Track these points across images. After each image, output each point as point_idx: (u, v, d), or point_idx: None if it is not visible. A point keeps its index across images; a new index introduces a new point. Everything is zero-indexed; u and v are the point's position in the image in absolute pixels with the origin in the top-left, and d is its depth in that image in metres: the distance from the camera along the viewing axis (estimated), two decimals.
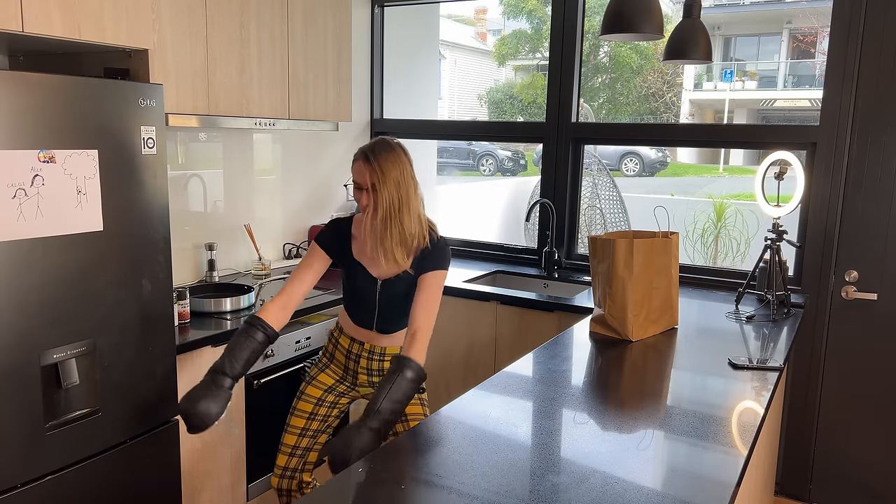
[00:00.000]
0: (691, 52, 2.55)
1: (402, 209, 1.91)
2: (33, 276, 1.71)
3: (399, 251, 1.93)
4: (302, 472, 2.18)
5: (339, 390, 2.17)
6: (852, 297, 2.81)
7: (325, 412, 2.16)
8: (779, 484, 3.05)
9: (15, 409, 1.70)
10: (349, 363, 2.12)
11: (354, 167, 1.94)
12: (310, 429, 2.15)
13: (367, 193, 1.92)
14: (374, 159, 1.90)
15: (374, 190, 1.89)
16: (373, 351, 2.09)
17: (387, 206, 1.90)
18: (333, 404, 2.17)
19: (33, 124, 1.67)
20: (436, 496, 1.26)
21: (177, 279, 2.80)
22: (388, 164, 1.90)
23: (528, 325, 2.89)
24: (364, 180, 1.91)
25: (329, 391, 2.15)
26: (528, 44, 14.42)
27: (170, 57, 2.31)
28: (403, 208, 1.91)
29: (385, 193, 1.89)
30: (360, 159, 1.93)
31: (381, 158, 1.90)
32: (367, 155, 1.91)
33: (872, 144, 2.71)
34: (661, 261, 2.27)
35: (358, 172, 1.93)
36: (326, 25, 3.03)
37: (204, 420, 1.79)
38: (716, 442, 1.50)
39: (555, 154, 3.41)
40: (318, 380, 2.16)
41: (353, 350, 2.10)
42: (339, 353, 2.14)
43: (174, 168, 2.80)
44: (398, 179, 1.91)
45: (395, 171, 1.91)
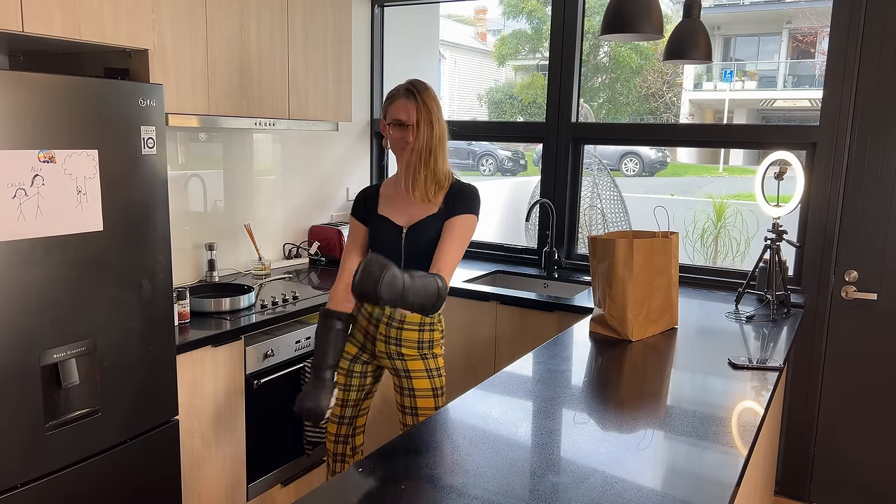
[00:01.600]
0: (691, 52, 2.55)
1: (439, 147, 1.98)
2: (33, 276, 1.71)
3: (432, 188, 1.99)
4: (354, 437, 2.26)
5: (362, 358, 2.20)
6: (852, 296, 2.81)
7: (358, 382, 2.21)
8: (779, 484, 3.05)
9: (15, 409, 1.70)
10: (369, 327, 2.14)
11: (396, 105, 1.99)
12: (349, 399, 2.21)
13: (410, 130, 1.97)
14: (418, 95, 1.96)
15: (418, 126, 1.95)
16: (392, 317, 2.09)
17: (427, 142, 1.96)
18: (363, 374, 2.21)
19: (33, 124, 1.67)
20: (436, 496, 1.26)
21: (177, 279, 2.80)
22: (430, 100, 1.98)
23: (528, 325, 2.89)
24: (409, 116, 1.96)
25: (355, 360, 2.19)
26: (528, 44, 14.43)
27: (170, 57, 2.32)
28: (441, 146, 1.99)
29: (428, 129, 1.96)
30: (402, 96, 1.98)
31: (425, 95, 1.97)
32: (412, 91, 1.97)
33: (872, 144, 2.71)
34: (661, 261, 2.27)
35: (402, 109, 1.98)
36: (326, 25, 3.03)
37: (317, 413, 1.97)
38: (716, 442, 1.50)
39: (555, 154, 3.41)
40: (346, 350, 2.21)
41: (374, 313, 2.12)
42: (362, 316, 2.16)
43: (174, 168, 2.80)
44: (438, 116, 1.98)
45: (435, 107, 1.98)
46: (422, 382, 2.12)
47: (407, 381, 2.12)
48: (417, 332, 2.10)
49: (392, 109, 2.01)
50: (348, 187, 3.79)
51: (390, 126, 2.03)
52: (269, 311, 2.54)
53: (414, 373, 2.11)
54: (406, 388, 2.13)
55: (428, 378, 2.12)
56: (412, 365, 2.11)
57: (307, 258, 3.43)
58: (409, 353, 2.11)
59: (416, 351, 2.11)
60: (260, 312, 2.52)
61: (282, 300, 2.66)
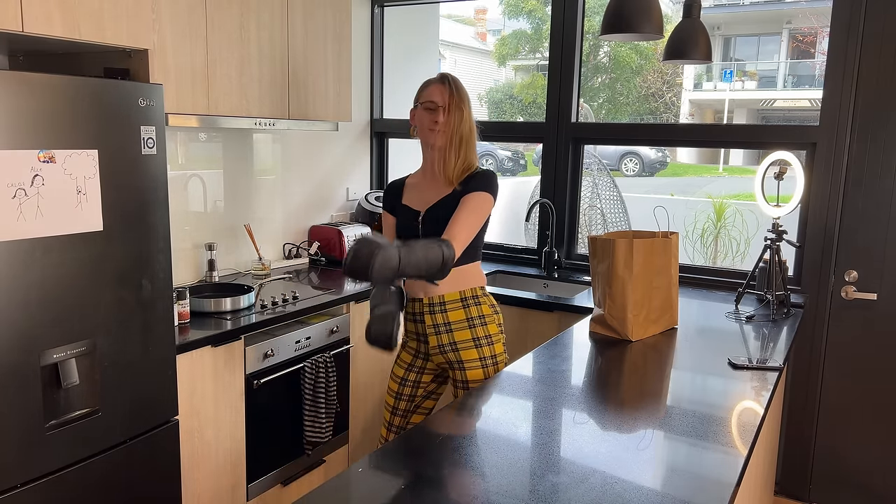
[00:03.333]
0: (691, 52, 2.55)
1: (470, 136, 2.07)
2: (33, 276, 1.71)
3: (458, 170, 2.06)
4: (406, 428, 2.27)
5: (417, 365, 2.21)
6: (852, 296, 2.81)
7: (409, 392, 2.22)
8: (779, 484, 3.05)
9: (15, 409, 1.70)
10: (417, 327, 2.16)
11: (430, 89, 2.08)
12: (398, 408, 2.24)
13: (441, 111, 2.04)
14: (452, 83, 2.06)
15: (448, 110, 2.04)
16: (433, 303, 2.10)
17: (457, 126, 2.04)
18: (416, 383, 2.22)
19: (33, 124, 1.67)
20: (436, 496, 1.26)
21: (177, 279, 2.80)
22: (462, 89, 2.08)
23: (528, 325, 2.89)
24: (442, 99, 2.04)
25: (409, 368, 2.22)
26: (528, 44, 14.43)
27: (170, 57, 2.31)
28: (471, 135, 2.07)
29: (458, 113, 2.04)
30: (437, 82, 2.08)
31: (458, 83, 2.07)
32: (446, 77, 2.07)
33: (872, 144, 2.71)
34: (661, 261, 2.27)
35: (436, 92, 2.06)
36: (326, 25, 3.03)
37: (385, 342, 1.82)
38: (716, 442, 1.50)
39: (555, 154, 3.41)
40: (401, 357, 2.25)
41: (416, 311, 2.14)
42: (408, 321, 2.19)
43: (174, 168, 2.80)
44: (469, 106, 2.07)
45: (466, 97, 2.08)
46: (475, 373, 2.10)
47: (461, 374, 2.11)
48: (462, 308, 2.10)
49: (425, 93, 2.09)
50: (348, 187, 3.79)
51: (421, 107, 2.09)
52: (269, 311, 2.54)
53: (467, 363, 2.10)
54: (460, 380, 2.12)
55: (482, 368, 2.10)
56: (465, 355, 2.10)
57: (307, 258, 3.43)
58: (462, 338, 2.10)
59: (469, 332, 2.09)
60: (260, 312, 2.52)
61: (282, 300, 2.66)
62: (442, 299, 2.10)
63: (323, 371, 2.64)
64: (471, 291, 2.12)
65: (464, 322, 2.10)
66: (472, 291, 2.12)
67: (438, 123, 2.05)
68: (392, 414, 2.25)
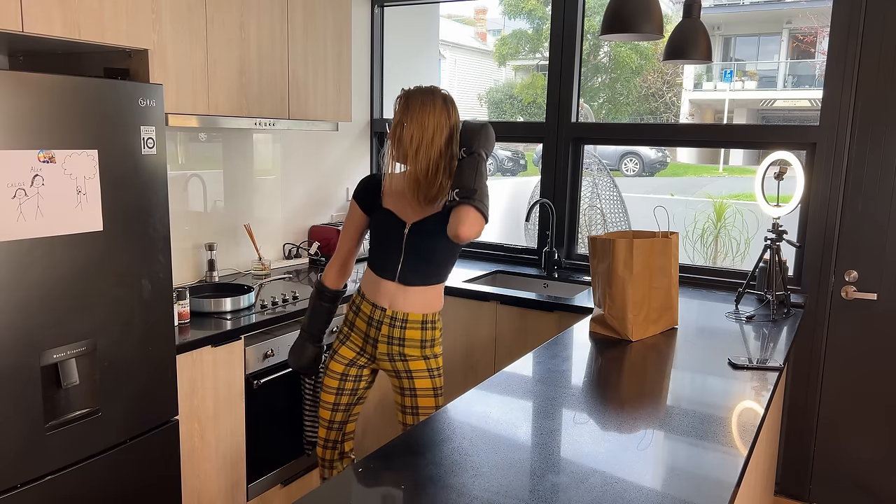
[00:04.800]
0: (691, 52, 2.55)
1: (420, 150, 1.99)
2: (33, 276, 1.71)
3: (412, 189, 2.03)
4: (343, 443, 2.29)
5: (359, 363, 2.21)
6: (852, 297, 2.81)
7: (351, 386, 2.22)
8: (779, 484, 3.05)
9: (15, 409, 1.70)
10: (370, 330, 2.14)
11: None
12: (340, 403, 2.23)
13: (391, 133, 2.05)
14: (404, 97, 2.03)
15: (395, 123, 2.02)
16: (395, 317, 2.10)
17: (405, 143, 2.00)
18: (358, 377, 2.22)
19: (33, 124, 1.67)
20: (436, 496, 1.26)
21: (177, 279, 2.80)
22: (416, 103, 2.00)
23: (528, 325, 2.89)
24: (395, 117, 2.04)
25: (351, 364, 2.20)
26: (528, 44, 14.42)
27: (170, 57, 2.31)
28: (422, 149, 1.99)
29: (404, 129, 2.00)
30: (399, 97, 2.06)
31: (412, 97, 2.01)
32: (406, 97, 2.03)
33: (872, 144, 2.71)
34: (661, 261, 2.27)
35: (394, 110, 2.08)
36: (326, 25, 3.03)
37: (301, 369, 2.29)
38: (716, 442, 1.50)
39: (555, 154, 3.41)
40: (340, 353, 2.22)
41: (374, 317, 2.13)
42: (360, 320, 2.16)
43: (174, 168, 2.80)
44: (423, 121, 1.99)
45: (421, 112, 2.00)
46: (423, 382, 2.13)
47: (408, 382, 2.13)
48: (420, 330, 2.11)
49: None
50: (348, 187, 3.79)
51: None
52: (269, 311, 2.54)
53: (416, 373, 2.13)
54: (407, 388, 2.14)
55: (429, 378, 2.14)
56: (414, 365, 2.12)
57: (307, 258, 3.43)
58: (412, 353, 2.12)
59: (419, 350, 2.12)
60: (260, 312, 2.52)
61: (282, 300, 2.66)
62: (405, 317, 2.10)
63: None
64: (432, 315, 2.14)
65: (417, 342, 2.12)
66: (433, 315, 2.14)
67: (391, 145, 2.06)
68: (333, 411, 2.23)
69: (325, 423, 2.25)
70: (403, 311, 2.10)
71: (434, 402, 2.14)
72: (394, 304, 2.10)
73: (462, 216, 1.91)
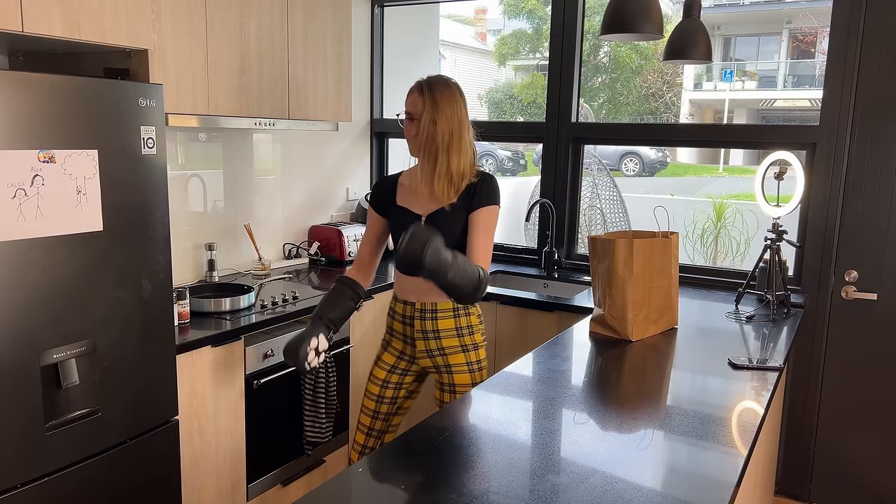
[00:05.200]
0: (691, 52, 2.55)
1: (452, 145, 2.00)
2: (33, 276, 1.71)
3: (442, 185, 2.02)
4: (386, 433, 2.27)
5: (401, 367, 2.21)
6: (852, 297, 2.81)
7: (391, 394, 2.21)
8: (779, 484, 3.05)
9: (15, 409, 1.70)
10: (406, 329, 2.15)
11: (409, 98, 2.05)
12: (380, 411, 2.22)
13: (416, 123, 2.02)
14: (428, 90, 2.00)
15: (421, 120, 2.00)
16: (424, 309, 2.10)
17: (430, 137, 2.00)
18: (399, 385, 2.21)
19: (33, 124, 1.67)
20: (436, 496, 1.26)
21: (177, 279, 2.80)
22: (440, 97, 2.00)
23: (528, 325, 2.89)
24: (416, 110, 2.02)
25: (392, 370, 2.21)
26: (528, 44, 14.43)
27: (170, 57, 2.31)
28: (454, 144, 2.01)
29: (432, 126, 2.00)
30: (415, 91, 2.03)
31: (437, 91, 2.01)
32: (422, 85, 2.02)
33: (872, 144, 2.71)
34: (661, 261, 2.27)
35: (412, 103, 2.04)
36: (326, 25, 3.03)
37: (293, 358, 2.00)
38: (716, 442, 1.50)
39: (555, 154, 3.41)
40: (382, 360, 2.23)
41: (406, 314, 2.14)
42: (396, 322, 2.18)
43: (174, 168, 2.80)
44: (448, 115, 2.00)
45: (446, 105, 2.01)
46: (462, 377, 2.12)
47: (448, 377, 2.13)
48: (453, 318, 2.10)
49: (406, 102, 2.08)
50: (348, 187, 3.79)
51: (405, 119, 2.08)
52: (269, 312, 2.54)
53: (455, 367, 2.11)
54: (447, 383, 2.13)
55: (469, 372, 2.12)
56: (453, 360, 2.11)
57: (307, 258, 3.43)
58: (450, 344, 2.11)
59: (457, 340, 2.11)
60: (260, 312, 2.52)
61: (282, 300, 2.66)
62: (434, 307, 2.10)
63: (323, 371, 2.64)
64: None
65: (452, 330, 2.11)
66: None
67: (414, 136, 2.04)
68: (373, 419, 2.22)
69: (365, 428, 2.25)
70: (432, 302, 2.10)
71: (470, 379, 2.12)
72: (422, 297, 2.11)
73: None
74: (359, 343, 2.94)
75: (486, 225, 2.02)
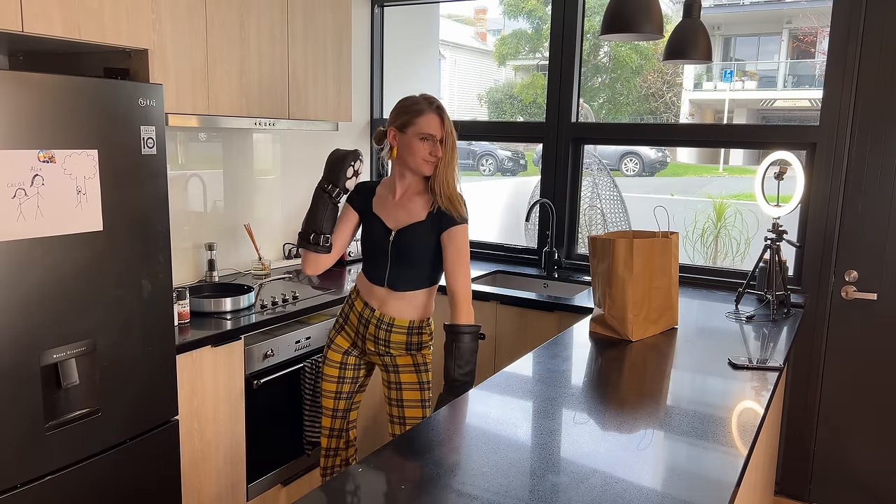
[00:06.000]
0: (691, 52, 2.55)
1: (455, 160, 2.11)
2: (33, 276, 1.71)
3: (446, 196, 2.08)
4: (347, 431, 2.33)
5: (354, 353, 2.27)
6: (852, 297, 2.81)
7: (351, 374, 2.27)
8: (779, 484, 3.05)
9: (15, 409, 1.70)
10: (360, 327, 2.20)
11: (427, 118, 2.07)
12: (342, 392, 2.27)
13: (439, 145, 2.07)
14: (442, 112, 2.08)
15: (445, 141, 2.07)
16: (381, 320, 2.15)
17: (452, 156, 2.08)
18: (357, 366, 2.28)
19: (33, 124, 1.67)
20: (436, 496, 1.26)
21: (177, 279, 2.80)
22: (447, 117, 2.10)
23: (528, 325, 2.89)
24: (439, 131, 2.06)
25: (348, 353, 2.26)
26: (528, 44, 14.42)
27: (170, 57, 2.31)
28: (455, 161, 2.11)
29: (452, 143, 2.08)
30: (432, 111, 2.08)
31: (445, 112, 2.11)
32: (438, 107, 2.09)
33: (872, 144, 2.71)
34: (661, 261, 2.27)
35: (434, 124, 2.06)
36: (326, 25, 3.03)
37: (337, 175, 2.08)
38: (716, 442, 1.50)
39: (555, 154, 3.41)
40: (336, 343, 2.27)
41: (364, 314, 2.18)
42: (353, 314, 2.23)
43: (174, 168, 2.80)
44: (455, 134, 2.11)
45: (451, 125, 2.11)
46: (409, 376, 2.17)
47: (395, 375, 2.18)
48: (406, 335, 2.16)
49: (422, 124, 2.06)
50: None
51: (417, 138, 2.07)
52: (269, 311, 2.54)
53: (402, 367, 2.17)
54: (394, 381, 2.19)
55: (415, 372, 2.18)
56: (400, 360, 2.18)
57: None
58: (398, 351, 2.18)
59: (409, 356, 2.18)
60: (260, 312, 2.52)
61: (281, 300, 2.66)
62: (391, 320, 2.15)
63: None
64: (420, 321, 2.17)
65: (402, 344, 2.17)
66: (420, 322, 2.17)
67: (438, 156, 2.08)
68: (335, 399, 2.27)
69: (329, 411, 2.29)
70: (390, 315, 2.15)
71: (420, 395, 2.18)
72: (383, 307, 2.16)
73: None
74: None
75: (458, 246, 2.09)
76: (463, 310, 2.07)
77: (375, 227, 2.16)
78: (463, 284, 2.08)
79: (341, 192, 2.07)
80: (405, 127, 2.08)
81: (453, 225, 2.09)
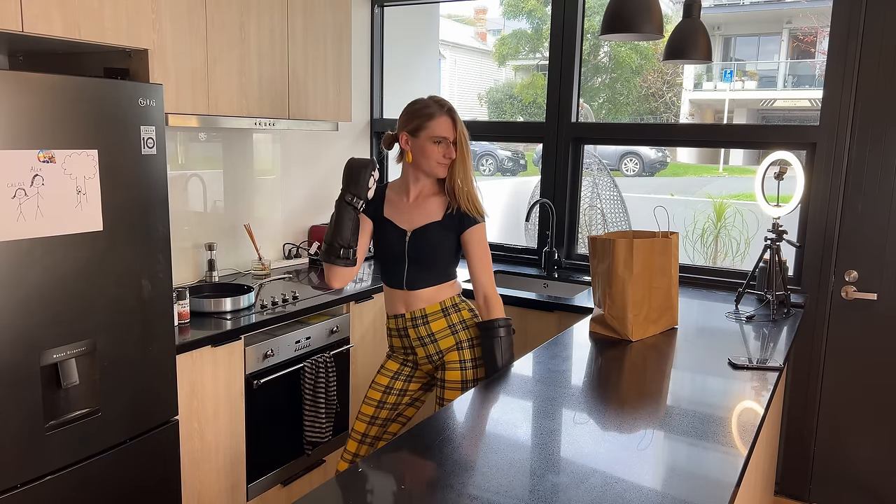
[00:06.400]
0: (691, 51, 2.55)
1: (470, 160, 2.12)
2: (33, 276, 1.71)
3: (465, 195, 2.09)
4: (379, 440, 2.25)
5: (405, 374, 2.22)
6: (852, 297, 2.81)
7: (394, 400, 2.21)
8: (779, 484, 3.05)
9: (15, 409, 1.70)
10: (404, 341, 2.18)
11: (439, 121, 2.06)
12: (379, 417, 2.21)
13: (452, 146, 2.08)
14: (454, 113, 2.09)
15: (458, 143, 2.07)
16: (415, 317, 2.13)
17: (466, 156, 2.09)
18: (402, 391, 2.22)
19: (33, 124, 1.67)
20: (436, 496, 1.26)
21: (177, 279, 2.80)
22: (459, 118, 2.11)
23: (528, 325, 2.89)
24: (451, 133, 2.07)
25: (395, 377, 2.22)
26: (528, 44, 14.42)
27: (170, 57, 2.31)
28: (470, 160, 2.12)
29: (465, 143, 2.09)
30: (444, 114, 2.08)
31: (455, 113, 2.10)
32: (452, 111, 2.09)
33: (872, 144, 2.71)
34: (661, 261, 2.27)
35: (446, 126, 2.07)
36: (326, 25, 3.03)
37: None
38: (716, 442, 1.50)
39: (555, 154, 3.41)
40: (386, 367, 2.24)
41: (399, 326, 2.16)
42: (393, 338, 2.21)
43: (174, 168, 2.80)
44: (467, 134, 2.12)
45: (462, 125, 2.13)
46: (453, 374, 2.13)
47: (441, 373, 2.15)
48: (444, 317, 2.13)
49: (434, 127, 2.05)
50: None
51: (432, 143, 2.06)
52: (269, 311, 2.54)
53: (448, 364, 2.14)
54: (440, 378, 2.16)
55: (460, 370, 2.13)
56: (448, 357, 2.14)
57: (307, 258, 3.43)
58: (446, 344, 2.13)
59: (452, 337, 2.13)
60: (260, 312, 2.52)
61: (282, 300, 2.66)
62: (423, 312, 2.13)
63: (323, 371, 2.64)
64: (450, 300, 2.15)
65: (446, 330, 2.13)
66: (451, 300, 2.15)
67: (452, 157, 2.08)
68: (370, 424, 2.20)
69: (359, 436, 2.19)
70: (420, 309, 2.13)
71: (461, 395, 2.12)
72: (409, 307, 2.14)
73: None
74: (358, 343, 2.94)
75: (479, 245, 2.13)
76: (498, 305, 2.11)
77: (389, 231, 2.13)
78: (490, 281, 2.12)
79: (364, 203, 2.04)
80: (417, 131, 2.07)
81: (474, 224, 2.10)
